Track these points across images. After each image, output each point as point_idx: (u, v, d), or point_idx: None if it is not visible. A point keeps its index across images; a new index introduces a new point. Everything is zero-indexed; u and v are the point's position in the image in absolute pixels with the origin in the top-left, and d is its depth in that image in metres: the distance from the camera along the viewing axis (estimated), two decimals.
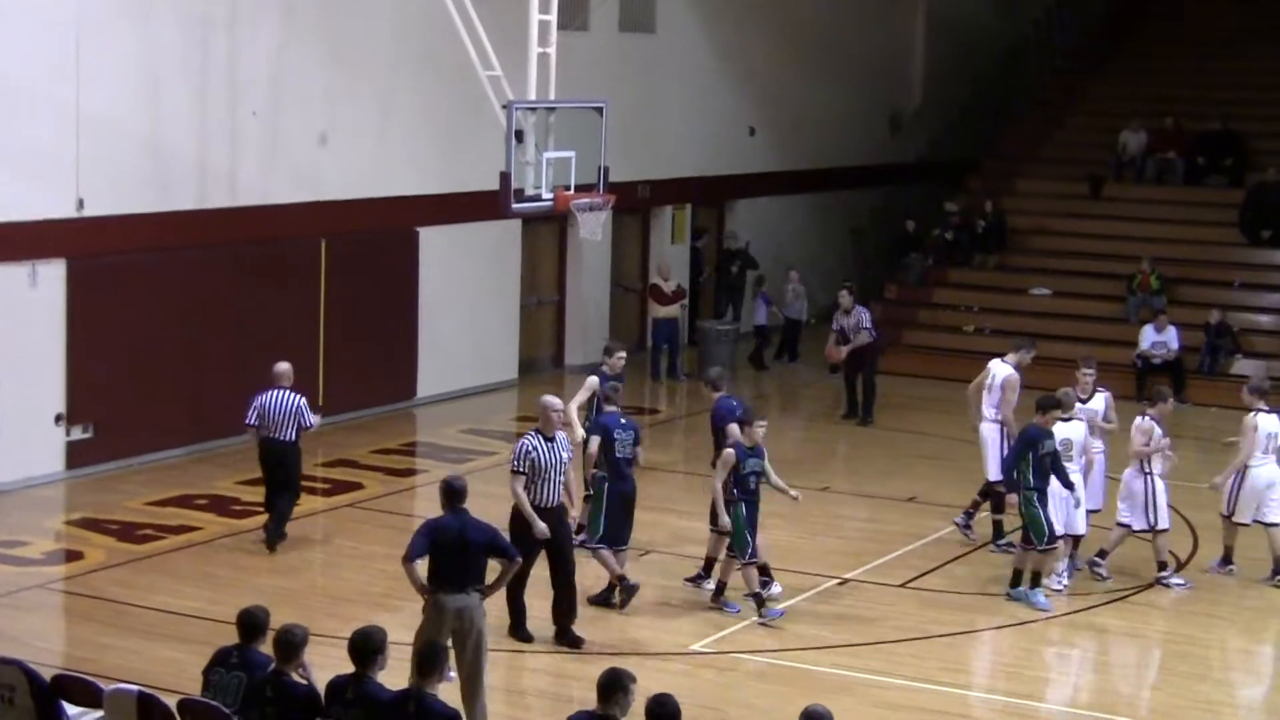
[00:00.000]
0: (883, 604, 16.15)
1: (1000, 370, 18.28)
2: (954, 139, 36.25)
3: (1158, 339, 26.76)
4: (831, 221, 33.76)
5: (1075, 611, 16.04)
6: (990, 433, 18.16)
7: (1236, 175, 30.92)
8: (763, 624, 15.21)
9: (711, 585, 16.09)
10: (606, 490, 15.75)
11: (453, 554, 12.30)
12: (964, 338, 29.02)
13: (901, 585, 16.73)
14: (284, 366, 17.71)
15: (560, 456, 14.45)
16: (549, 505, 14.47)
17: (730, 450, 15.32)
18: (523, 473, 14.39)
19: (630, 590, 15.76)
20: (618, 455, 15.78)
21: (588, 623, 15.73)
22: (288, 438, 17.48)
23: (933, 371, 28.02)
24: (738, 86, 30.77)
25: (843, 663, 14.46)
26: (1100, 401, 17.41)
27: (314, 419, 17.65)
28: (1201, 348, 27.02)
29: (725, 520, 15.36)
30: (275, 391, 17.54)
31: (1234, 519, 17.19)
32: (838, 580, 16.86)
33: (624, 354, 17.75)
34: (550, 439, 14.51)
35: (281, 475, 17.58)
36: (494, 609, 13.43)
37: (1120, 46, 36.31)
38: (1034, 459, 15.87)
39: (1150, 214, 30.67)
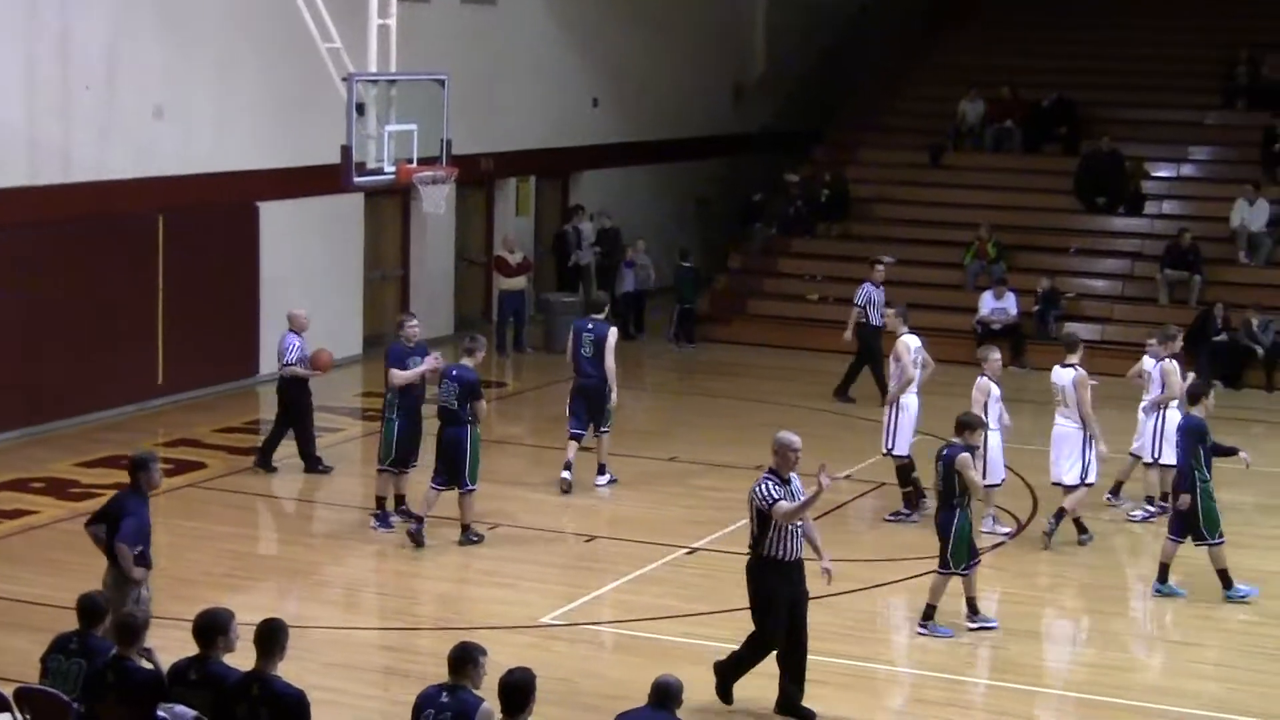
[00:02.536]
0: (731, 572, 16.16)
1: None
2: (797, 109, 36.49)
3: (996, 305, 27.17)
4: (676, 192, 33.84)
5: (921, 575, 16.21)
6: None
7: (1071, 143, 31.44)
8: (974, 629, 14.70)
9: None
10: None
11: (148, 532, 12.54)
12: (808, 306, 29.26)
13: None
14: (293, 311, 19.73)
15: (799, 501, 12.62)
16: (790, 559, 12.61)
17: (967, 455, 14.57)
18: (781, 499, 12.43)
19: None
20: (441, 403, 16.79)
21: (436, 597, 15.69)
22: (282, 375, 19.55)
23: (778, 340, 28.29)
24: (580, 57, 30.72)
25: (693, 632, 14.52)
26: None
27: (290, 358, 19.29)
28: (1034, 314, 27.48)
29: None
30: (284, 334, 19.50)
31: (1160, 460, 17.88)
32: (686, 549, 16.93)
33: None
34: (786, 481, 12.58)
35: (280, 408, 19.68)
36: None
37: (959, 17, 36.72)
38: (1204, 451, 15.53)
39: (989, 182, 31.12)
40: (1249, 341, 25.88)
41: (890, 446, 18.10)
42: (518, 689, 9.15)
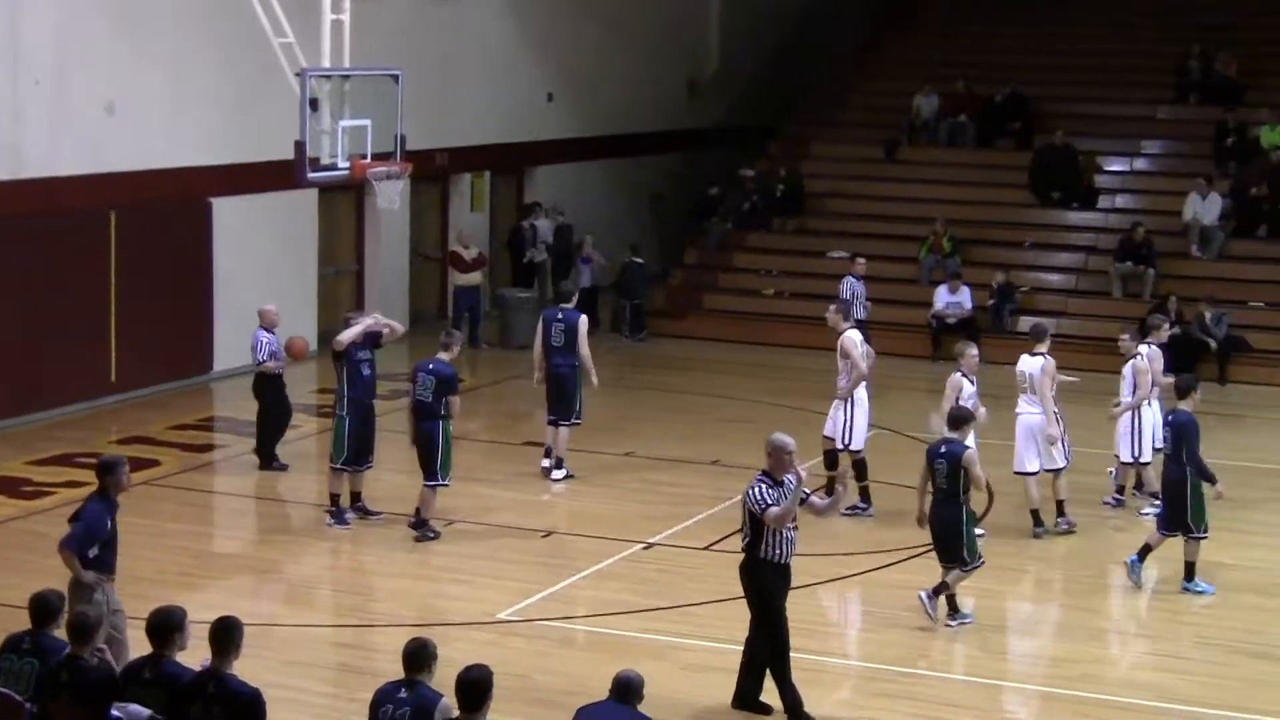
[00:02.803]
0: (688, 567, 16.23)
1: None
2: (752, 104, 36.51)
3: (951, 299, 27.22)
4: (631, 187, 33.81)
5: (874, 569, 16.24)
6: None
7: (1025, 138, 31.55)
8: (951, 626, 14.68)
9: None
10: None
11: (113, 539, 12.23)
12: (764, 300, 29.28)
13: (706, 548, 16.81)
14: (263, 307, 19.44)
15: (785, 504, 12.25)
16: (784, 561, 12.42)
17: (973, 451, 14.66)
18: (774, 504, 12.22)
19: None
20: (417, 397, 16.84)
21: (392, 594, 15.62)
22: (257, 370, 19.37)
23: (733, 335, 28.31)
24: (535, 52, 30.65)
25: (649, 627, 14.50)
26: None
27: (261, 355, 19.09)
28: (989, 308, 27.55)
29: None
30: (255, 330, 19.26)
31: (1141, 459, 17.96)
32: (643, 545, 16.92)
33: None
34: (780, 483, 12.30)
35: (259, 405, 19.55)
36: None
37: (913, 12, 36.79)
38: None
39: (943, 176, 31.18)
40: (1201, 335, 25.98)
41: (847, 442, 18.05)
42: (475, 686, 9.12)
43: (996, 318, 27.43)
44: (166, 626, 9.77)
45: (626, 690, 9.76)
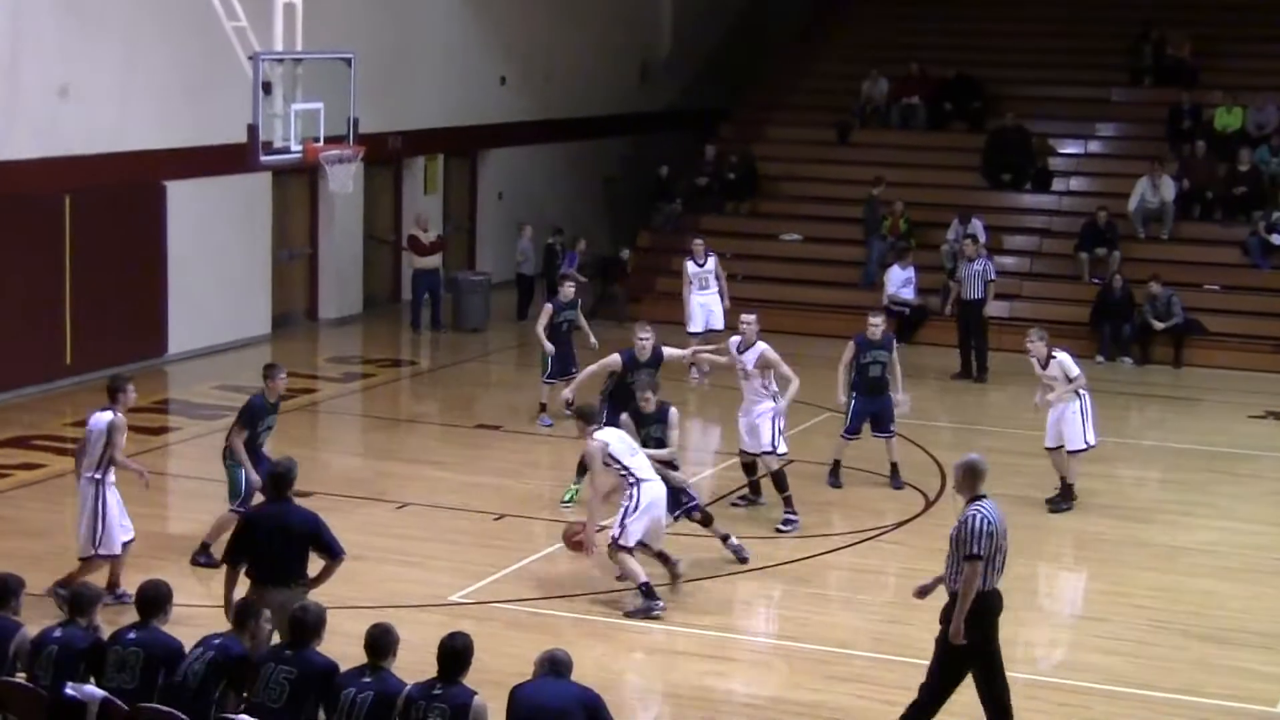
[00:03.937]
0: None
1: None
2: (705, 87, 36.55)
3: (903, 275, 27.12)
4: (584, 170, 33.83)
5: (825, 553, 16.33)
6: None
7: (977, 120, 31.64)
8: None
9: None
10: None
11: (273, 545, 11.85)
12: None
13: None
14: None
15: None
16: (986, 587, 11.33)
17: None
18: (981, 556, 11.16)
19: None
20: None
21: (342, 575, 15.62)
22: None
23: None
24: (488, 35, 30.64)
25: (601, 609, 14.55)
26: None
27: None
28: (940, 290, 27.43)
29: None
30: None
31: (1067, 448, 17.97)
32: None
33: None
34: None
35: None
36: None
37: None
38: None
39: (896, 159, 31.17)
40: (1153, 317, 25.93)
41: (774, 447, 17.49)
42: (457, 652, 9.40)
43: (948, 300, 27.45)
44: (154, 601, 10.24)
45: (557, 666, 9.75)
